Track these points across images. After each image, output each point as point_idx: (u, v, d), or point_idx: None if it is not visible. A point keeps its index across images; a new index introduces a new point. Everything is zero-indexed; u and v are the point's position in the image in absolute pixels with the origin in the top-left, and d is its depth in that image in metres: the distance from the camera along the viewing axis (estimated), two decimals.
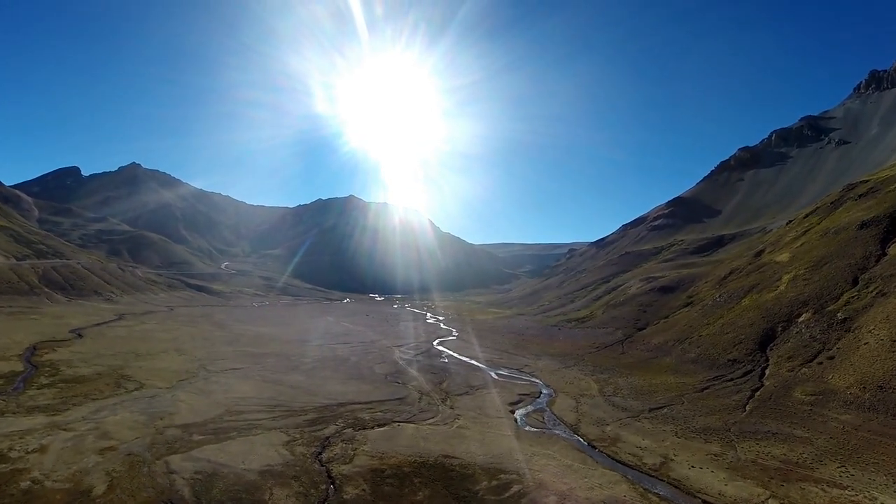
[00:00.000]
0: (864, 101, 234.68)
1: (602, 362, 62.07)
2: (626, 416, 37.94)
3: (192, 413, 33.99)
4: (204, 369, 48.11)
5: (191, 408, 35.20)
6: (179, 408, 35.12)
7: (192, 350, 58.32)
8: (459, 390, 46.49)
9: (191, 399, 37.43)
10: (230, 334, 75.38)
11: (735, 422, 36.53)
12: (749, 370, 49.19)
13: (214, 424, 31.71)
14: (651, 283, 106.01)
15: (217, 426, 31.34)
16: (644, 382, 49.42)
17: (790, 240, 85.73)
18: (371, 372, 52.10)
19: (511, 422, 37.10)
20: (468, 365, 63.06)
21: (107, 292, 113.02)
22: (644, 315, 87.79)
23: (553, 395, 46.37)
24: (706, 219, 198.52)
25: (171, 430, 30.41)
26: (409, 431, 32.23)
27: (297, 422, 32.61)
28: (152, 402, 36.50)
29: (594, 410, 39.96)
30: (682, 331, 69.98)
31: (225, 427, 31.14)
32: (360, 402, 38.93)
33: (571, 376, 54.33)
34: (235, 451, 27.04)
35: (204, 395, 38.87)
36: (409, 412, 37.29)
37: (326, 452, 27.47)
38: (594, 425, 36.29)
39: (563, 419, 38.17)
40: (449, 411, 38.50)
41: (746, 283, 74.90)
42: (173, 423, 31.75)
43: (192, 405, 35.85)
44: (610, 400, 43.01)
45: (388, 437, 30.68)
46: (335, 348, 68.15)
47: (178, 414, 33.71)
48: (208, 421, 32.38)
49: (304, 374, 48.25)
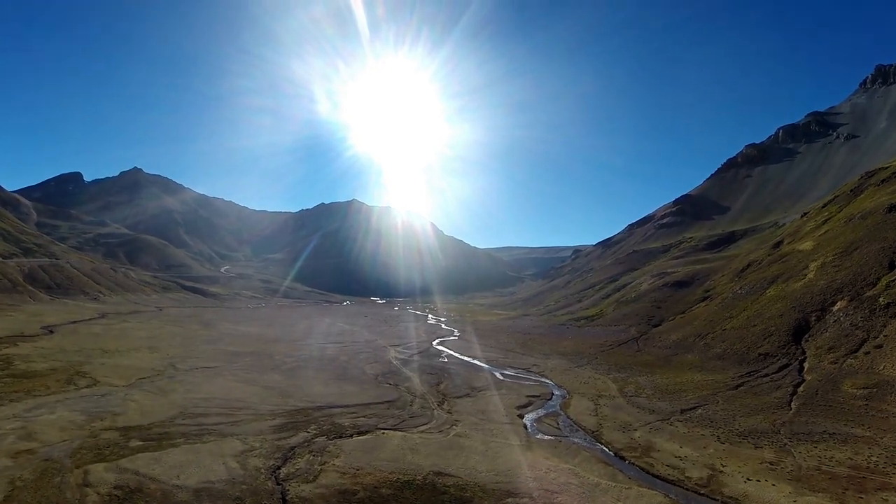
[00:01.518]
0: (870, 96, 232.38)
1: (617, 360, 56.37)
2: (655, 420, 32.30)
3: (141, 414, 28.79)
4: (172, 367, 42.99)
5: (141, 408, 30.01)
6: (128, 408, 29.95)
7: (167, 348, 53.27)
8: (459, 392, 40.97)
9: (145, 399, 32.26)
10: (215, 333, 70.33)
11: (783, 422, 30.88)
12: (785, 364, 43.75)
13: (161, 428, 26.47)
14: (663, 279, 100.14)
15: (163, 430, 26.10)
16: (668, 381, 43.74)
17: (810, 229, 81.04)
18: (360, 372, 46.71)
19: (520, 428, 31.41)
20: (470, 365, 57.55)
21: (94, 292, 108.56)
22: (658, 311, 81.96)
23: (567, 397, 40.72)
24: (715, 216, 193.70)
25: (108, 434, 25.24)
26: (394, 441, 26.62)
27: (262, 427, 27.25)
28: (100, 400, 31.42)
29: (617, 413, 34.32)
30: (703, 326, 64.43)
31: (172, 432, 25.89)
32: (341, 405, 33.52)
33: (585, 376, 48.70)
34: (174, 461, 21.76)
35: (162, 394, 33.69)
36: (398, 417, 31.77)
37: (287, 467, 21.95)
38: (619, 431, 30.58)
39: (582, 424, 32.52)
40: (446, 416, 32.98)
41: (768, 273, 69.80)
42: (114, 426, 26.59)
43: (143, 405, 30.67)
44: (633, 401, 37.36)
45: (368, 449, 25.11)
46: (325, 348, 62.86)
47: (123, 415, 28.54)
48: (156, 424, 27.16)
49: (283, 374, 42.95)
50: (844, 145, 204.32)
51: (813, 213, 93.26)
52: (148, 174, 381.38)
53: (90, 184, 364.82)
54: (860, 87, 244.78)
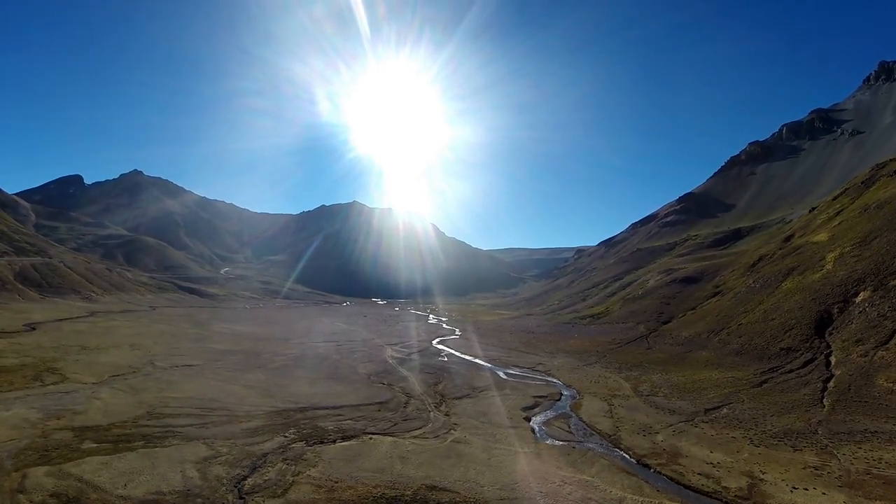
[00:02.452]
0: (874, 92, 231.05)
1: (628, 359, 53.19)
2: (677, 421, 29.13)
3: (102, 414, 25.88)
4: (151, 365, 40.10)
5: (105, 407, 27.10)
6: (91, 406, 27.06)
7: (151, 346, 50.39)
8: (459, 392, 37.86)
9: (112, 397, 29.36)
10: (205, 332, 67.45)
11: (819, 420, 27.75)
12: (810, 359, 40.74)
13: (121, 429, 23.54)
14: (671, 275, 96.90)
15: (123, 432, 23.16)
16: (684, 379, 40.58)
17: (822, 222, 78.42)
18: (352, 371, 43.62)
19: (527, 433, 28.15)
20: (471, 364, 54.47)
21: (87, 291, 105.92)
22: (667, 308, 78.72)
23: (577, 397, 37.57)
24: (720, 213, 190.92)
25: (61, 434, 22.36)
26: (382, 448, 23.47)
27: (234, 430, 24.23)
28: (63, 398, 28.60)
29: (634, 414, 31.14)
30: (716, 321, 61.34)
31: (132, 434, 22.95)
32: (326, 406, 30.37)
33: (595, 374, 45.55)
34: (126, 467, 18.80)
35: (132, 392, 30.77)
36: (390, 420, 28.61)
37: (254, 477, 18.77)
38: (639, 434, 27.36)
39: (596, 427, 29.27)
40: (443, 419, 29.84)
41: (782, 266, 66.96)
42: (70, 425, 23.73)
43: (108, 404, 27.75)
44: (650, 400, 34.19)
45: (352, 456, 21.95)
46: (318, 346, 59.88)
47: (83, 414, 25.66)
48: (116, 424, 24.23)
49: (268, 373, 39.92)
50: (849, 141, 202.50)
51: (823, 206, 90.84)
52: (148, 176, 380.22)
53: (91, 186, 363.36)
54: (864, 83, 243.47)
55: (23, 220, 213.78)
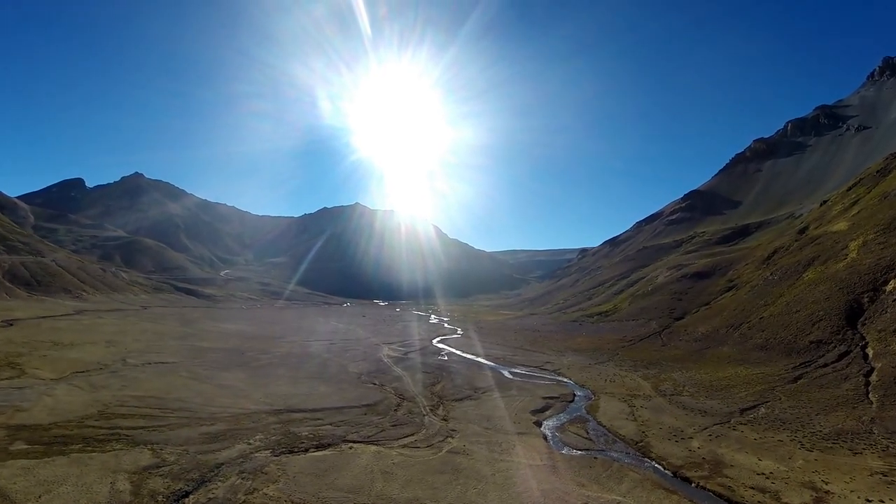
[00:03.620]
0: (879, 88, 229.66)
1: (642, 356, 49.59)
2: (711, 423, 25.54)
3: (49, 412, 22.59)
4: (122, 362, 36.85)
5: (54, 405, 23.80)
6: (39, 403, 23.81)
7: (129, 343, 47.16)
8: (459, 393, 34.28)
9: (67, 394, 26.09)
10: (193, 330, 64.22)
11: (871, 418, 24.21)
12: (845, 351, 37.35)
13: (62, 430, 20.20)
14: (681, 271, 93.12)
15: (63, 433, 19.82)
16: (708, 376, 37.01)
17: (839, 212, 75.48)
18: (341, 371, 40.09)
19: (538, 440, 24.10)
20: (473, 363, 50.93)
21: (78, 290, 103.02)
22: (679, 304, 74.97)
23: (593, 398, 34.04)
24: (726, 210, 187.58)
25: None
26: (363, 460, 19.62)
27: (191, 435, 20.85)
28: (13, 394, 25.66)
29: (660, 416, 27.48)
30: (734, 316, 57.83)
31: (73, 435, 19.61)
32: (305, 409, 26.88)
33: (609, 373, 41.94)
34: (49, 475, 15.46)
35: (91, 390, 27.48)
36: (376, 426, 24.89)
37: (198, 494, 15.37)
38: (671, 440, 23.60)
39: (619, 432, 25.49)
40: (439, 424, 26.06)
41: (801, 257, 63.84)
42: (7, 423, 20.77)
43: (60, 402, 24.46)
44: (675, 400, 30.57)
45: (323, 470, 18.19)
46: (310, 345, 56.46)
47: (27, 411, 22.44)
48: (59, 424, 20.91)
49: (248, 372, 36.48)
50: (856, 136, 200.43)
51: (837, 198, 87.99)
52: (149, 179, 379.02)
53: (92, 189, 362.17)
54: (868, 79, 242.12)
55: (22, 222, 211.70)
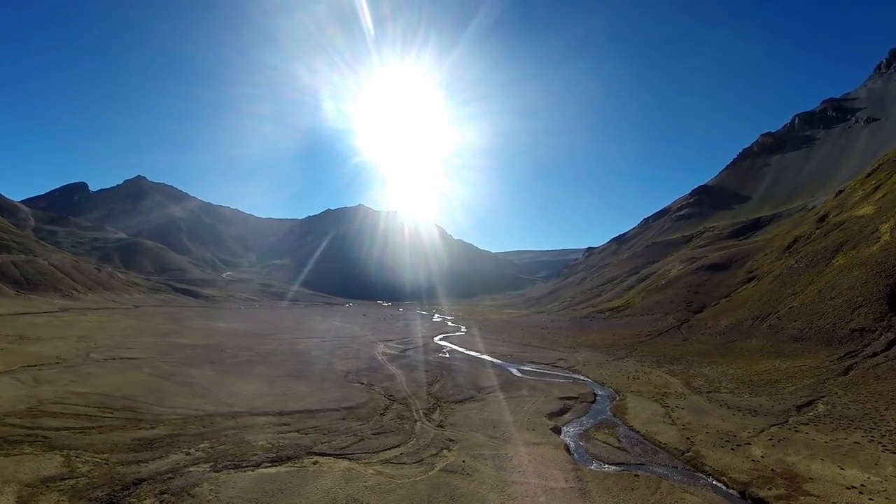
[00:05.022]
0: (886, 80, 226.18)
1: (663, 351, 45.00)
2: (767, 424, 21.04)
3: None
4: (84, 357, 32.98)
5: None
6: None
7: (102, 339, 43.27)
8: (460, 394, 29.65)
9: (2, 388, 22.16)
10: (178, 328, 60.25)
11: None
12: (893, 339, 33.06)
13: None
14: (695, 264, 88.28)
15: None
16: (743, 371, 32.44)
17: (861, 197, 71.15)
18: (327, 369, 35.66)
19: (559, 452, 18.79)
20: (477, 360, 46.45)
21: (68, 289, 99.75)
22: (697, 296, 70.22)
23: (617, 398, 29.46)
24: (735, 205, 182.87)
25: None
26: (326, 481, 14.81)
27: (121, 440, 16.64)
28: None
29: (703, 418, 22.86)
30: (759, 307, 53.28)
31: None
32: (271, 411, 22.53)
33: (630, 369, 37.38)
34: None
35: (33, 385, 23.59)
36: (353, 434, 20.04)
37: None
38: (724, 447, 18.88)
39: (658, 439, 20.63)
40: (433, 432, 21.17)
41: (827, 243, 59.63)
42: None
43: None
44: (715, 398, 25.90)
45: (269, 494, 13.65)
46: (300, 342, 52.25)
47: None
48: None
49: (219, 369, 32.20)
50: (865, 128, 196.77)
51: (856, 185, 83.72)
52: (151, 182, 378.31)
53: (95, 193, 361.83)
54: (875, 72, 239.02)
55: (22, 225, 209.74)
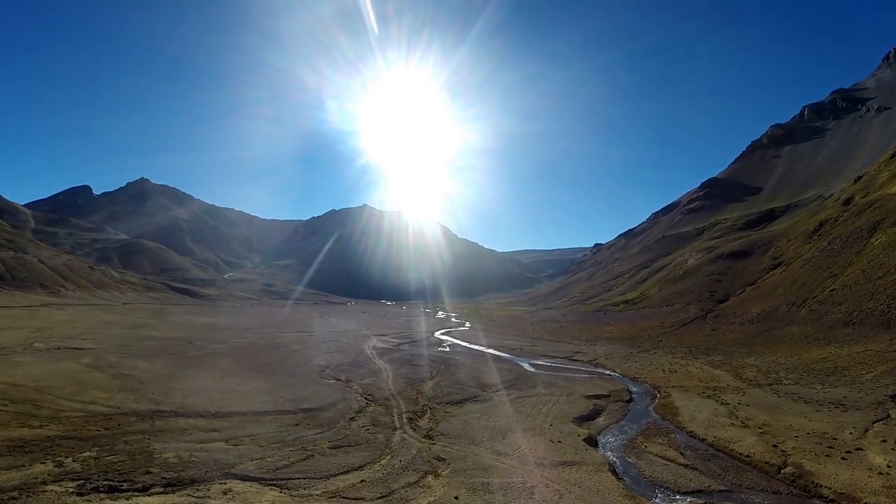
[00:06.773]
0: (895, 70, 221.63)
1: (693, 342, 39.90)
2: (866, 421, 16.50)
3: None
4: (25, 346, 28.93)
5: None
6: None
7: (63, 330, 38.97)
8: (458, 393, 24.00)
9: None
10: (155, 322, 55.98)
11: None
12: None
13: None
14: (713, 253, 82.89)
15: None
16: (798, 360, 27.37)
17: (887, 178, 66.54)
18: (302, 364, 30.58)
19: (603, 475, 13.02)
20: (481, 355, 41.40)
21: (56, 286, 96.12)
22: (720, 285, 64.80)
23: (657, 395, 24.17)
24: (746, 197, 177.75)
25: None
26: None
27: None
28: None
29: (777, 416, 17.71)
30: (793, 292, 48.09)
31: None
32: (206, 412, 17.64)
33: (662, 361, 32.29)
34: None
35: None
36: (302, 448, 14.69)
37: None
38: (830, 456, 13.87)
39: (733, 449, 15.19)
40: (418, 446, 15.70)
41: (860, 223, 55.02)
42: None
43: None
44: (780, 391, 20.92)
45: None
46: (283, 336, 47.50)
47: None
48: None
49: (171, 361, 27.48)
50: (877, 118, 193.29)
51: (879, 166, 78.75)
52: (155, 184, 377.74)
53: (99, 196, 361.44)
54: (883, 61, 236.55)
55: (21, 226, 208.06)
